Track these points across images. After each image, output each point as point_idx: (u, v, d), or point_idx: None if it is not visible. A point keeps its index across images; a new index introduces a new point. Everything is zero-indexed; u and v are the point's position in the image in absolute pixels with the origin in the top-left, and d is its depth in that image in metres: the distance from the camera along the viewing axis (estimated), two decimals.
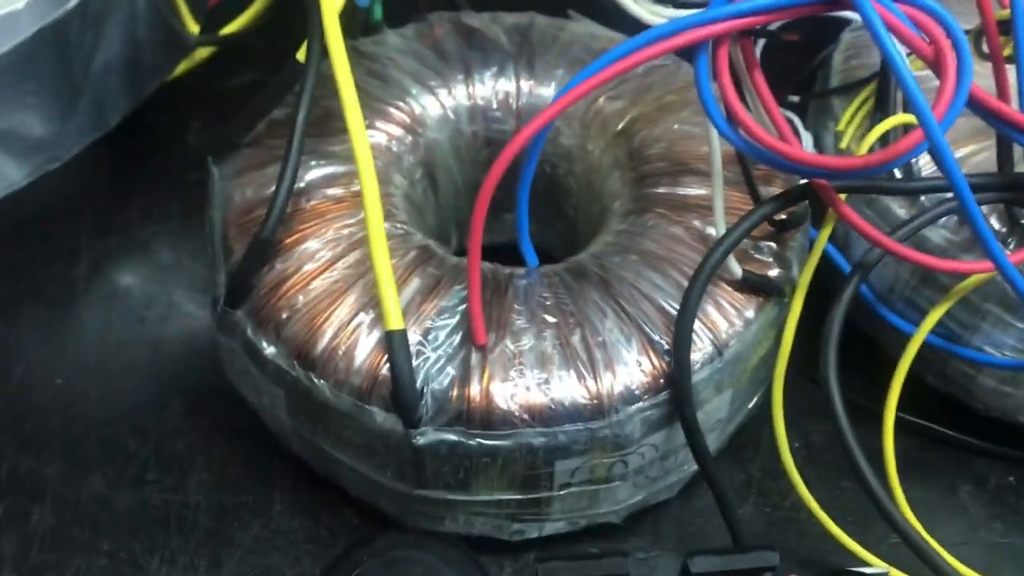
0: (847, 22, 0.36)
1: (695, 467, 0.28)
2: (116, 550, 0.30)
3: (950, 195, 0.27)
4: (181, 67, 0.41)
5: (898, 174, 0.30)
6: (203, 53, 0.41)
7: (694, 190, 0.29)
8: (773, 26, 0.29)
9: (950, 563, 0.27)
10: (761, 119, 0.26)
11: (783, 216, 0.28)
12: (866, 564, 0.28)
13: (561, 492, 0.27)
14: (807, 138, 0.34)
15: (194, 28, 0.38)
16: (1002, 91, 0.28)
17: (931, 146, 0.23)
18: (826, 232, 0.27)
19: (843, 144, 0.32)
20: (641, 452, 0.26)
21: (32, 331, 0.35)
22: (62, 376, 0.34)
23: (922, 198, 0.29)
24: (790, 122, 0.34)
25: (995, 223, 0.29)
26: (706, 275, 0.25)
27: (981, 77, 0.32)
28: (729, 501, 0.27)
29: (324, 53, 0.27)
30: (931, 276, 0.30)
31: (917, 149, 0.23)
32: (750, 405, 0.30)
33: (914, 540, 0.26)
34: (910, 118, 0.29)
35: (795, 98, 0.35)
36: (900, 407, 0.30)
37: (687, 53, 0.25)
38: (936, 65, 0.24)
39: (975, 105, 0.24)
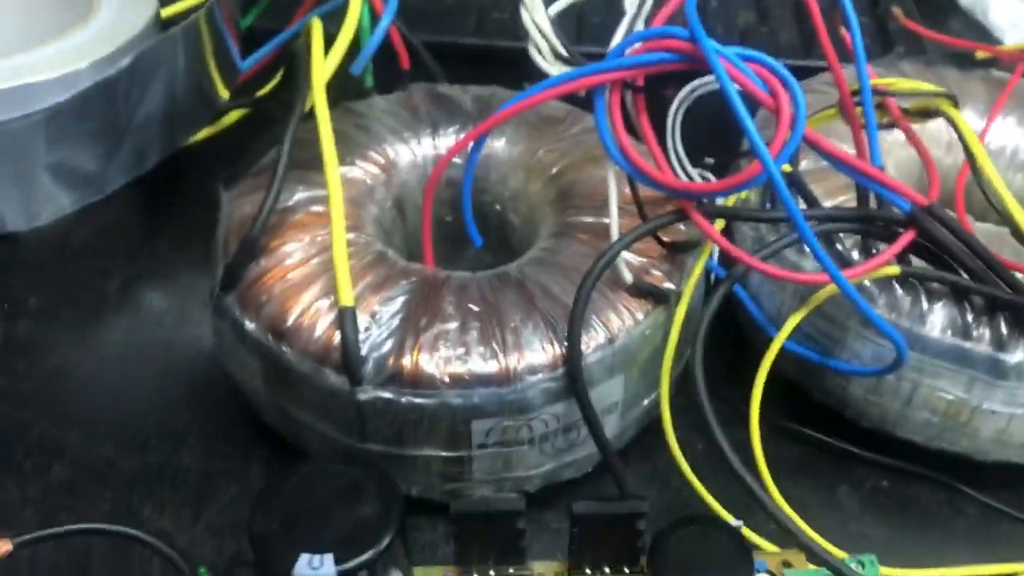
0: None
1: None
2: (118, 499, 0.36)
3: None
4: (212, 128, 0.49)
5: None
6: (233, 116, 0.49)
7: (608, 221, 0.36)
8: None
9: (809, 534, 0.32)
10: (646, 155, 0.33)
11: (678, 242, 0.35)
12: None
13: (478, 452, 0.33)
14: None
15: (224, 95, 0.46)
16: (859, 147, 0.35)
17: (768, 176, 0.29)
18: (705, 252, 0.34)
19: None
20: (544, 419, 0.32)
21: (68, 331, 0.42)
22: (89, 366, 0.41)
23: (781, 226, 0.35)
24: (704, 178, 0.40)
25: (855, 255, 0.35)
26: (598, 271, 0.31)
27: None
28: (613, 454, 0.32)
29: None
30: (806, 298, 0.36)
31: (753, 180, 0.30)
32: (646, 401, 0.35)
33: (762, 500, 0.31)
34: None
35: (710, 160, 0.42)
36: (794, 419, 0.36)
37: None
38: (776, 112, 0.30)
39: (809, 143, 0.31)
